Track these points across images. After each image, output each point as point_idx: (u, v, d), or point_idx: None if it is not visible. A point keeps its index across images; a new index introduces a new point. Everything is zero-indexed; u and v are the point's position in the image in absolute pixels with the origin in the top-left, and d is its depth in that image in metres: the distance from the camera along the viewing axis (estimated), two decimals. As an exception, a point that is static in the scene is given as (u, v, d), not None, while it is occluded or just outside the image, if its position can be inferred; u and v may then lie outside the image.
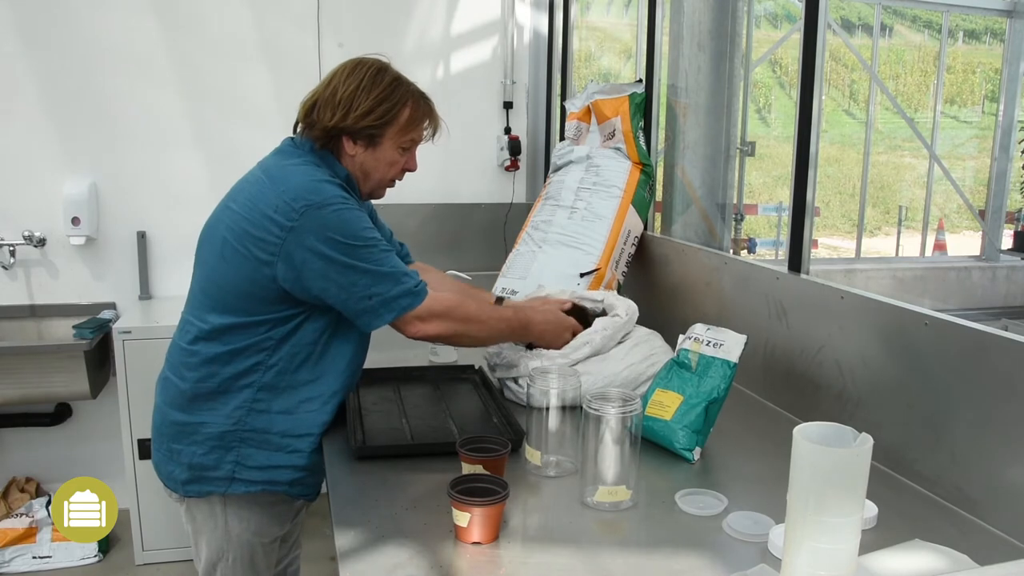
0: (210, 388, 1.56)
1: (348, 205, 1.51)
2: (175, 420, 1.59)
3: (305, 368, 1.58)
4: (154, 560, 2.94)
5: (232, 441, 1.56)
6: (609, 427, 1.29)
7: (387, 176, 1.66)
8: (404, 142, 1.62)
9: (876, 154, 9.05)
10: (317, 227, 1.46)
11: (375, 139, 1.59)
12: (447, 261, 2.61)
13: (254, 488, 1.59)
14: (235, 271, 1.52)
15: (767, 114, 13.51)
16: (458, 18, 3.45)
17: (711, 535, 1.23)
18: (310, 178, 1.52)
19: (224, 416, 1.56)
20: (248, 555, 1.63)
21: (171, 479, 1.62)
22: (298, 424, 1.58)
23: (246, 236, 1.50)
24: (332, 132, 1.57)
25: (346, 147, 1.59)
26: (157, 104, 3.16)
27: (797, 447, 0.92)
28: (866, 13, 9.64)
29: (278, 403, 1.57)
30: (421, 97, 1.63)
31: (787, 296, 1.82)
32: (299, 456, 1.59)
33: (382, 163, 1.62)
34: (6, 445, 3.22)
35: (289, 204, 1.47)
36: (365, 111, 1.55)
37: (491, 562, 1.15)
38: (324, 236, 1.46)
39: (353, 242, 1.48)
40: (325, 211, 1.47)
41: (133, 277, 3.21)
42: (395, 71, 1.63)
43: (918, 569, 1.11)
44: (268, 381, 1.55)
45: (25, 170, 3.08)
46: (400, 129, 1.60)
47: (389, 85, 1.58)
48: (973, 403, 1.32)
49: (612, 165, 2.55)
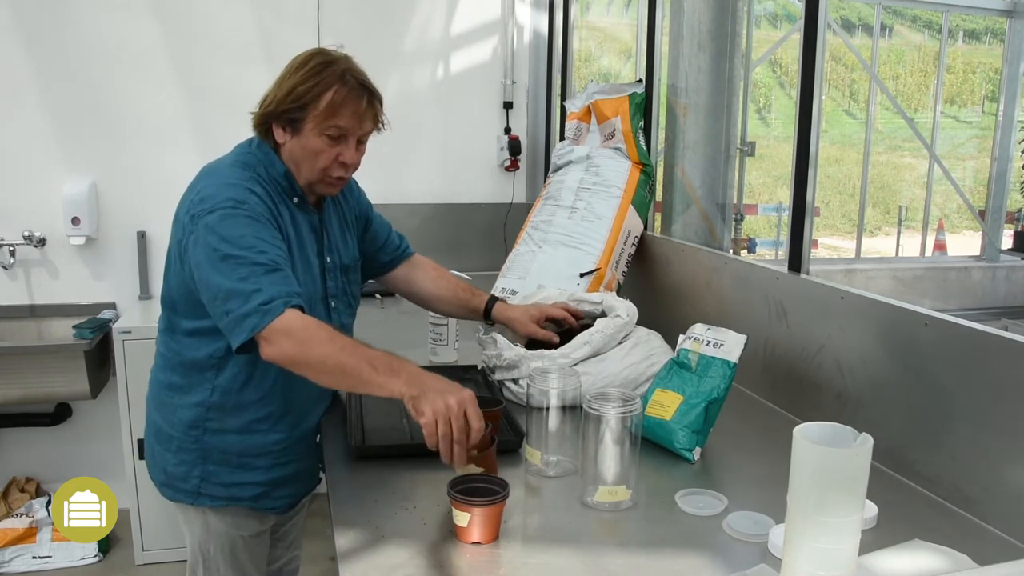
0: (170, 398, 1.59)
1: (238, 210, 1.41)
2: (154, 419, 1.64)
3: (250, 389, 1.55)
4: (154, 560, 2.94)
5: (197, 457, 1.58)
6: (609, 427, 1.29)
7: (316, 166, 1.52)
8: (328, 129, 1.49)
9: (876, 154, 9.05)
10: (202, 230, 1.41)
11: (296, 123, 1.50)
12: (447, 261, 2.59)
13: (219, 503, 1.60)
14: (173, 274, 1.54)
15: (767, 114, 13.51)
16: (458, 18, 3.45)
17: (711, 535, 1.23)
18: (220, 179, 1.48)
19: (184, 432, 1.57)
20: (229, 548, 1.64)
21: (154, 478, 1.66)
22: (253, 443, 1.58)
23: (175, 238, 1.51)
24: (263, 119, 1.53)
25: (276, 134, 1.53)
26: (157, 104, 3.16)
27: (797, 447, 0.92)
28: (866, 13, 9.64)
29: (230, 422, 1.57)
30: (354, 86, 1.49)
31: (787, 296, 1.82)
32: (259, 473, 1.60)
33: (307, 151, 1.51)
34: (6, 445, 3.22)
35: (194, 206, 1.45)
36: (285, 93, 1.48)
37: (491, 562, 1.15)
38: (204, 240, 1.40)
39: (224, 249, 1.38)
40: (214, 214, 1.41)
41: (133, 277, 3.22)
42: (335, 57, 1.51)
43: (918, 569, 1.11)
44: (216, 401, 1.55)
45: (25, 170, 3.08)
46: (321, 114, 1.48)
47: (313, 68, 1.48)
48: (973, 403, 1.32)
49: (612, 165, 2.55)
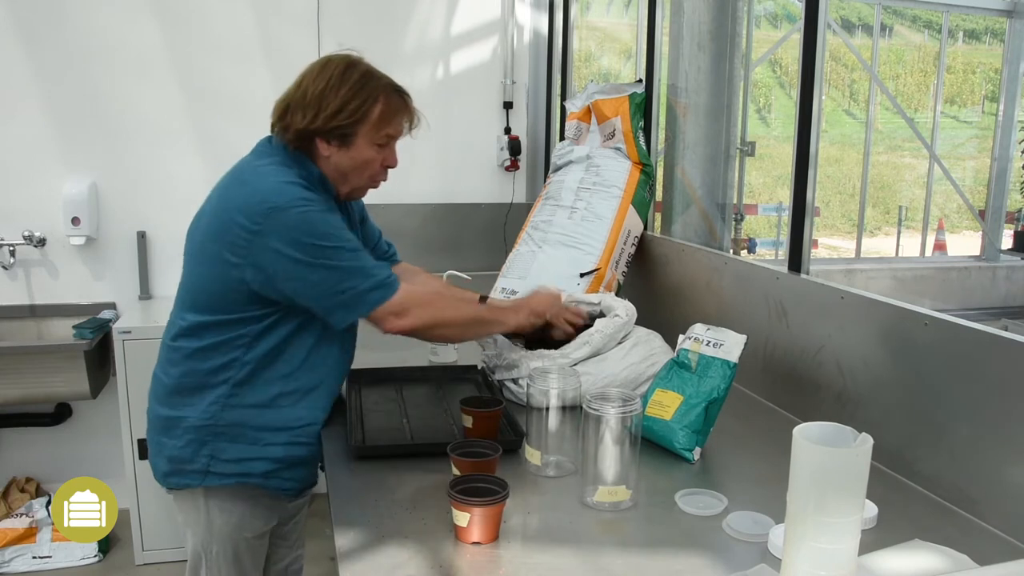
0: (189, 383, 1.58)
1: (312, 207, 1.48)
2: (159, 414, 1.63)
3: (280, 363, 1.58)
4: (154, 560, 2.94)
5: (207, 435, 1.57)
6: (609, 427, 1.29)
7: (364, 174, 1.61)
8: (379, 138, 1.57)
9: (876, 154, 9.05)
10: (282, 229, 1.45)
11: (348, 138, 1.55)
12: (447, 261, 2.61)
13: (228, 481, 1.60)
14: (208, 272, 1.54)
15: (767, 114, 13.50)
16: (458, 18, 3.45)
17: (711, 535, 1.23)
18: (276, 180, 1.50)
19: (200, 411, 1.57)
20: (231, 550, 1.64)
21: (157, 471, 1.65)
22: (273, 418, 1.59)
23: (217, 238, 1.50)
24: (304, 135, 1.54)
25: (320, 148, 1.56)
26: (157, 104, 3.16)
27: (797, 447, 0.92)
28: (866, 13, 9.64)
29: (252, 397, 1.57)
30: (394, 91, 1.58)
31: (787, 296, 1.82)
32: (274, 449, 1.60)
33: (358, 162, 1.58)
34: (6, 445, 3.22)
35: (254, 207, 1.46)
36: (335, 110, 1.52)
37: (491, 562, 1.15)
38: (289, 238, 1.45)
39: (319, 242, 1.46)
40: (290, 213, 1.45)
41: (133, 277, 3.22)
42: (365, 65, 1.57)
43: (918, 569, 1.11)
44: (243, 377, 1.56)
45: (25, 170, 3.08)
46: (373, 125, 1.55)
47: (358, 82, 1.54)
48: (973, 403, 1.32)
49: (612, 165, 2.55)
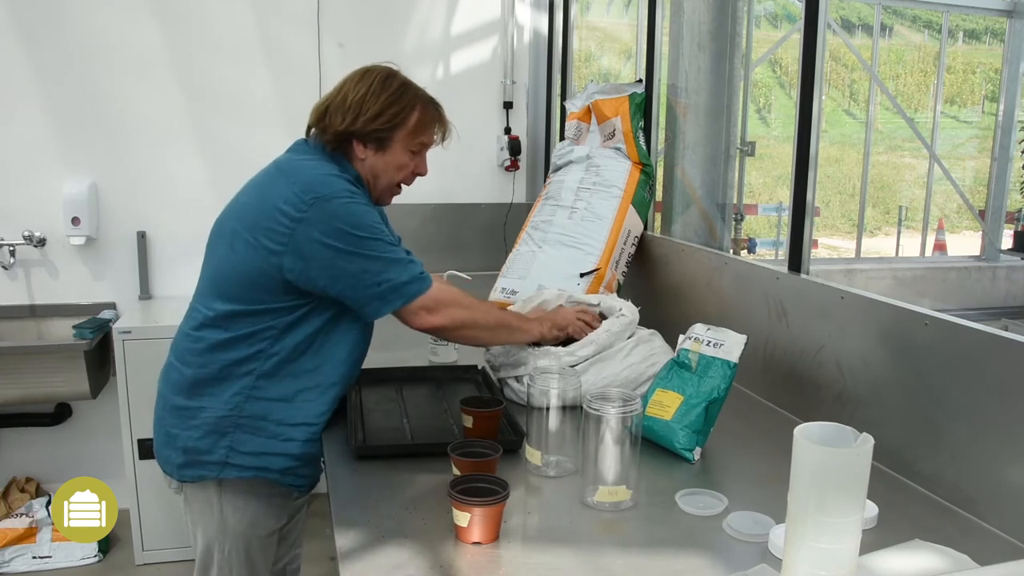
0: (212, 374, 1.58)
1: (356, 199, 1.55)
2: (175, 404, 1.62)
3: (306, 357, 1.60)
4: (154, 560, 2.94)
5: (227, 426, 1.58)
6: (609, 427, 1.29)
7: (396, 179, 1.68)
8: (413, 145, 1.66)
9: (876, 154, 9.06)
10: (326, 218, 1.49)
11: (384, 142, 1.63)
12: (447, 261, 2.61)
13: (246, 474, 1.60)
14: (243, 260, 1.55)
15: (767, 114, 13.50)
16: (458, 18, 3.45)
17: (711, 535, 1.23)
18: (320, 172, 1.56)
19: (223, 402, 1.58)
20: (244, 548, 1.64)
21: (168, 463, 1.64)
22: (295, 413, 1.60)
23: (256, 226, 1.53)
24: (343, 136, 1.61)
25: (356, 151, 1.63)
26: (157, 104, 3.16)
27: (797, 447, 0.92)
28: (866, 13, 9.65)
29: (276, 390, 1.59)
30: (430, 102, 1.68)
31: (787, 296, 1.82)
32: (293, 444, 1.61)
33: (391, 166, 1.65)
34: (6, 445, 3.22)
35: (299, 196, 1.50)
36: (374, 114, 1.60)
37: (491, 562, 1.15)
38: (332, 227, 1.49)
39: (361, 233, 1.51)
40: (334, 203, 1.51)
41: (133, 277, 3.22)
42: (404, 77, 1.67)
43: (918, 569, 1.11)
44: (268, 369, 1.58)
45: (25, 170, 3.08)
46: (409, 132, 1.64)
47: (397, 90, 1.63)
48: (973, 403, 1.32)
49: (612, 165, 2.55)
